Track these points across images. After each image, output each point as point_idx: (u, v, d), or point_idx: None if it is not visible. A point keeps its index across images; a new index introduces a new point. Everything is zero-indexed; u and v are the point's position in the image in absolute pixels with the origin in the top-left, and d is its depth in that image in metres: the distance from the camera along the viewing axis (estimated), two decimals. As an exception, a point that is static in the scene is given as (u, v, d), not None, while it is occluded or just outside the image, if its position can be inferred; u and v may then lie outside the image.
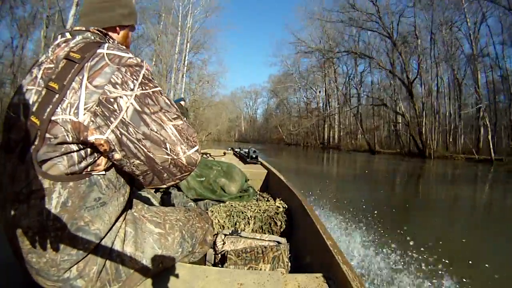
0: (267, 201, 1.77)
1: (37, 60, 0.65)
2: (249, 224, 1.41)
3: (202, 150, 2.92)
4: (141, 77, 0.60)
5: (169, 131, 0.60)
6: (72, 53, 0.58)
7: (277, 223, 1.42)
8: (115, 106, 0.56)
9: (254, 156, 2.91)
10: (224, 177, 1.89)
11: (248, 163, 2.83)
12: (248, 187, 1.99)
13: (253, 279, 0.77)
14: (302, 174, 7.94)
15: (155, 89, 0.61)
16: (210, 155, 2.86)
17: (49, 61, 0.61)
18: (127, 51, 0.62)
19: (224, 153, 3.31)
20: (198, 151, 0.64)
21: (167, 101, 0.62)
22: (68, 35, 0.66)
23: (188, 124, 0.64)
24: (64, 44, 0.63)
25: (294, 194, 1.53)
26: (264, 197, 1.92)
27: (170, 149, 0.60)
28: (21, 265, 0.60)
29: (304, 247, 1.15)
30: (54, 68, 0.59)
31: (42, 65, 0.61)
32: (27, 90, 0.59)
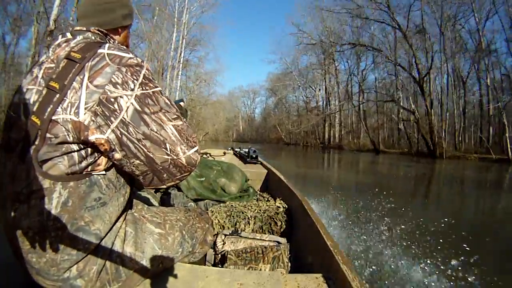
0: (267, 201, 1.77)
1: (37, 60, 0.65)
2: (249, 224, 1.41)
3: (202, 150, 2.92)
4: (141, 77, 0.60)
5: (169, 131, 0.60)
6: (73, 53, 0.58)
7: (277, 223, 1.42)
8: (116, 106, 0.56)
9: (254, 156, 2.91)
10: (224, 177, 1.89)
11: (248, 163, 2.84)
12: (248, 187, 1.99)
13: (253, 279, 0.77)
14: (306, 181, 6.19)
15: (155, 89, 0.61)
16: (210, 155, 2.87)
17: (50, 60, 0.61)
18: (127, 51, 0.62)
19: (224, 153, 3.31)
20: (198, 151, 0.64)
21: (167, 101, 0.62)
22: (69, 35, 0.66)
23: (188, 125, 0.64)
24: (65, 44, 0.63)
25: (294, 194, 1.53)
26: (264, 197, 1.92)
27: (170, 149, 0.60)
28: (21, 265, 0.60)
29: (304, 247, 1.15)
30: (55, 67, 0.59)
31: (42, 64, 0.61)
32: (27, 89, 0.59)
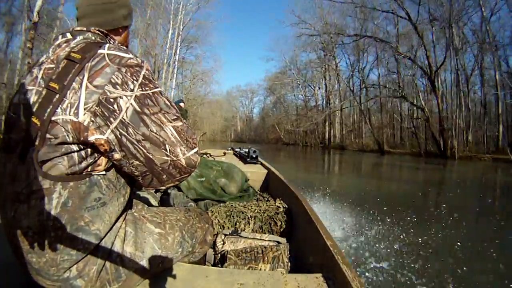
0: (267, 201, 1.77)
1: (37, 60, 0.65)
2: (249, 224, 1.41)
3: (201, 151, 2.92)
4: (141, 77, 0.60)
5: (168, 132, 0.60)
6: (73, 53, 0.58)
7: (277, 223, 1.42)
8: (115, 107, 0.56)
9: (254, 156, 2.91)
10: (224, 177, 1.89)
11: (248, 163, 2.84)
12: (248, 187, 1.99)
13: (253, 279, 0.77)
14: (309, 190, 4.28)
15: (155, 90, 0.61)
16: (210, 155, 2.87)
17: (49, 61, 0.61)
18: (127, 51, 0.62)
19: (224, 153, 3.31)
20: (198, 152, 0.64)
21: (167, 102, 0.62)
22: (69, 35, 0.66)
23: (188, 126, 0.64)
24: (65, 45, 0.63)
25: (294, 194, 1.53)
26: (264, 197, 1.92)
27: (169, 150, 0.60)
28: (21, 264, 0.60)
29: (304, 247, 1.15)
30: (54, 68, 0.59)
31: (42, 65, 0.61)
32: (27, 90, 0.59)
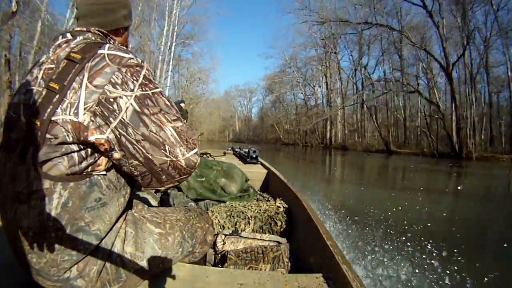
0: (267, 201, 1.77)
1: (38, 61, 0.65)
2: (249, 224, 1.41)
3: (201, 151, 2.92)
4: (141, 77, 0.60)
5: (168, 132, 0.60)
6: (73, 54, 0.58)
7: (277, 223, 1.42)
8: (115, 106, 0.56)
9: (254, 156, 2.91)
10: (224, 177, 1.89)
11: (248, 163, 2.84)
12: (248, 187, 1.99)
13: (253, 279, 0.77)
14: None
15: (155, 90, 0.61)
16: (210, 155, 2.87)
17: (50, 61, 0.61)
18: (127, 51, 0.62)
19: (224, 153, 3.32)
20: (197, 153, 0.64)
21: (167, 102, 0.62)
22: (69, 36, 0.66)
23: (188, 126, 0.64)
24: (65, 45, 0.63)
25: (294, 194, 1.53)
26: (264, 197, 1.92)
27: (169, 151, 0.60)
28: (21, 265, 0.60)
29: (304, 247, 1.15)
30: (55, 68, 0.59)
31: (42, 65, 0.61)
32: (27, 90, 0.59)
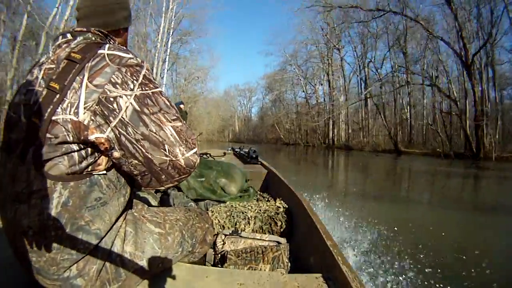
0: (267, 201, 1.77)
1: (38, 61, 0.65)
2: (249, 224, 1.41)
3: (202, 151, 2.92)
4: (141, 77, 0.60)
5: (168, 132, 0.60)
6: (73, 54, 0.59)
7: (277, 223, 1.42)
8: (115, 106, 0.56)
9: (254, 156, 2.91)
10: (224, 177, 1.89)
11: (248, 163, 2.84)
12: (248, 187, 1.99)
13: (253, 279, 0.77)
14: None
15: (155, 90, 0.61)
16: (210, 155, 2.87)
17: (50, 61, 0.61)
18: (127, 51, 0.62)
19: (224, 153, 3.32)
20: (197, 153, 0.64)
21: (167, 102, 0.62)
22: (69, 36, 0.66)
23: (187, 126, 0.64)
24: (65, 45, 0.63)
25: (294, 194, 1.53)
26: (264, 197, 1.92)
27: (168, 150, 0.60)
28: (21, 264, 0.60)
29: (304, 247, 1.15)
30: (55, 68, 0.59)
31: (43, 65, 0.62)
32: (28, 90, 0.60)
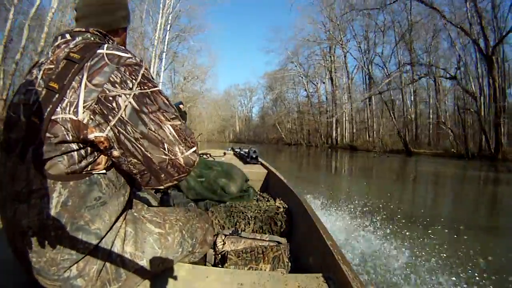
0: (267, 201, 1.77)
1: (37, 61, 0.66)
2: (249, 224, 1.41)
3: (202, 151, 2.92)
4: (140, 76, 0.60)
5: (167, 131, 0.60)
6: (72, 54, 0.59)
7: (277, 223, 1.42)
8: (114, 105, 0.56)
9: (254, 156, 2.91)
10: (224, 177, 1.89)
11: (248, 163, 2.83)
12: (248, 187, 1.99)
13: (253, 279, 0.77)
14: None
15: (153, 89, 0.61)
16: (210, 155, 2.87)
17: (49, 62, 0.61)
18: (126, 51, 0.62)
19: (224, 153, 3.31)
20: (196, 152, 0.64)
21: (166, 101, 0.63)
22: (68, 36, 0.66)
23: (187, 125, 0.64)
24: (64, 45, 0.63)
25: (294, 194, 1.53)
26: (264, 197, 1.92)
27: (168, 149, 0.60)
28: (21, 264, 0.60)
29: (304, 247, 1.15)
30: (54, 68, 0.59)
31: (42, 65, 0.62)
32: (27, 90, 0.60)
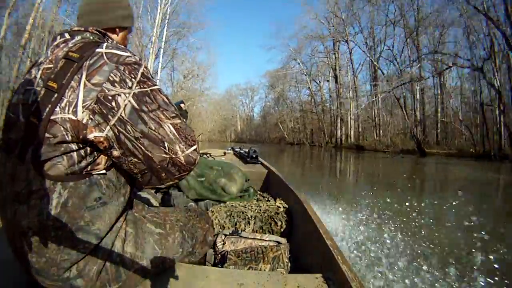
0: (267, 201, 1.77)
1: (36, 61, 0.65)
2: (249, 224, 1.41)
3: (202, 151, 2.92)
4: (139, 75, 0.60)
5: (167, 129, 0.60)
6: (71, 53, 0.59)
7: (277, 223, 1.41)
8: (113, 104, 0.56)
9: (254, 156, 2.90)
10: (225, 177, 1.88)
11: (248, 163, 2.83)
12: (248, 187, 1.99)
13: (253, 279, 0.77)
14: None
15: (153, 88, 0.61)
16: (210, 155, 2.87)
17: (48, 61, 0.61)
18: (125, 50, 0.62)
19: (224, 153, 3.31)
20: (197, 150, 0.64)
21: (165, 99, 0.62)
22: (67, 36, 0.66)
23: (187, 124, 0.64)
24: (63, 45, 0.63)
25: (294, 194, 1.52)
26: (264, 197, 1.92)
27: (168, 147, 0.60)
28: (21, 264, 0.60)
29: (304, 247, 1.15)
30: (53, 68, 0.59)
31: (41, 65, 0.61)
32: (26, 90, 0.59)
